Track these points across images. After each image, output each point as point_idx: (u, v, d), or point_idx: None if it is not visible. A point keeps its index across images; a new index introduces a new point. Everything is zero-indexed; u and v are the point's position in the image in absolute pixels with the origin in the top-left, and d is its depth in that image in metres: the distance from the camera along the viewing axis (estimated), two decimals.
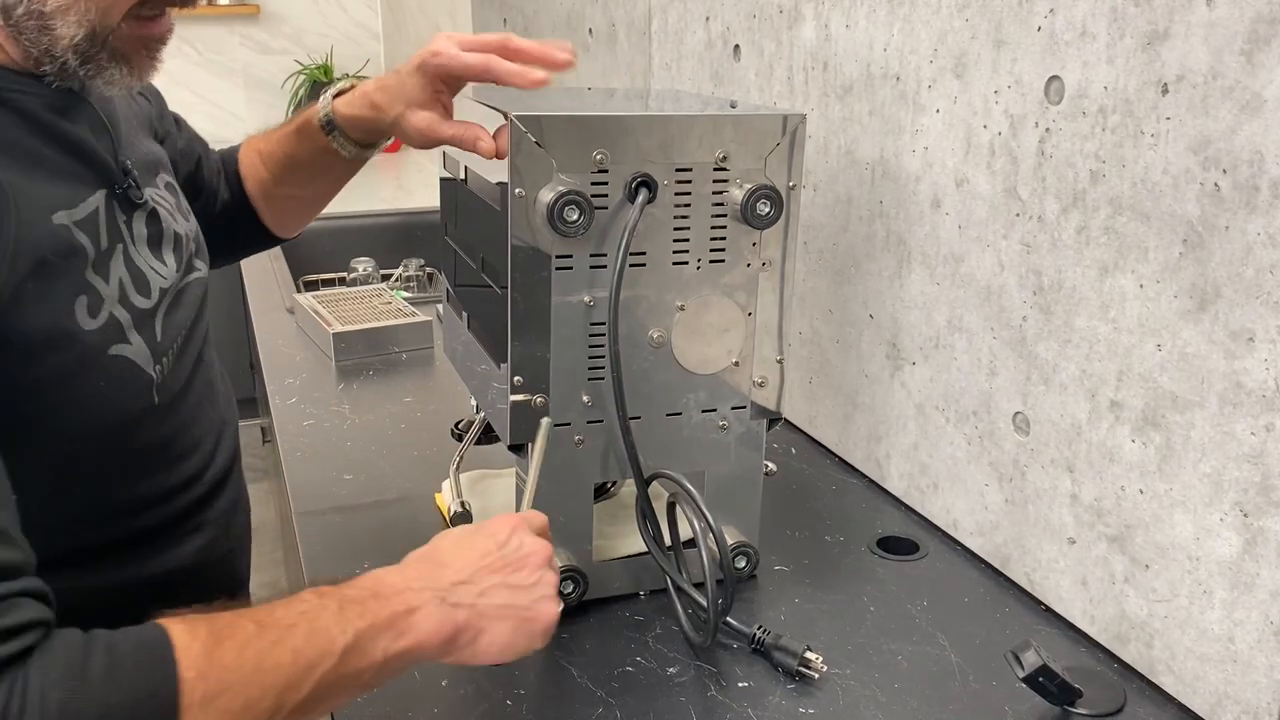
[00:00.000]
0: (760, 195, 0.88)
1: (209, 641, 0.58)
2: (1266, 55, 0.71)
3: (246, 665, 0.58)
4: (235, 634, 0.59)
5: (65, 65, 0.71)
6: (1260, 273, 0.73)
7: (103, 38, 0.70)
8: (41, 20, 0.68)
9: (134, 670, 0.55)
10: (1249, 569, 0.76)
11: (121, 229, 0.77)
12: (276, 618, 0.62)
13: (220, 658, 0.57)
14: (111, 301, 0.74)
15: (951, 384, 1.06)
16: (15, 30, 0.68)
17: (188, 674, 0.56)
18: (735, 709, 0.83)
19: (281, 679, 0.59)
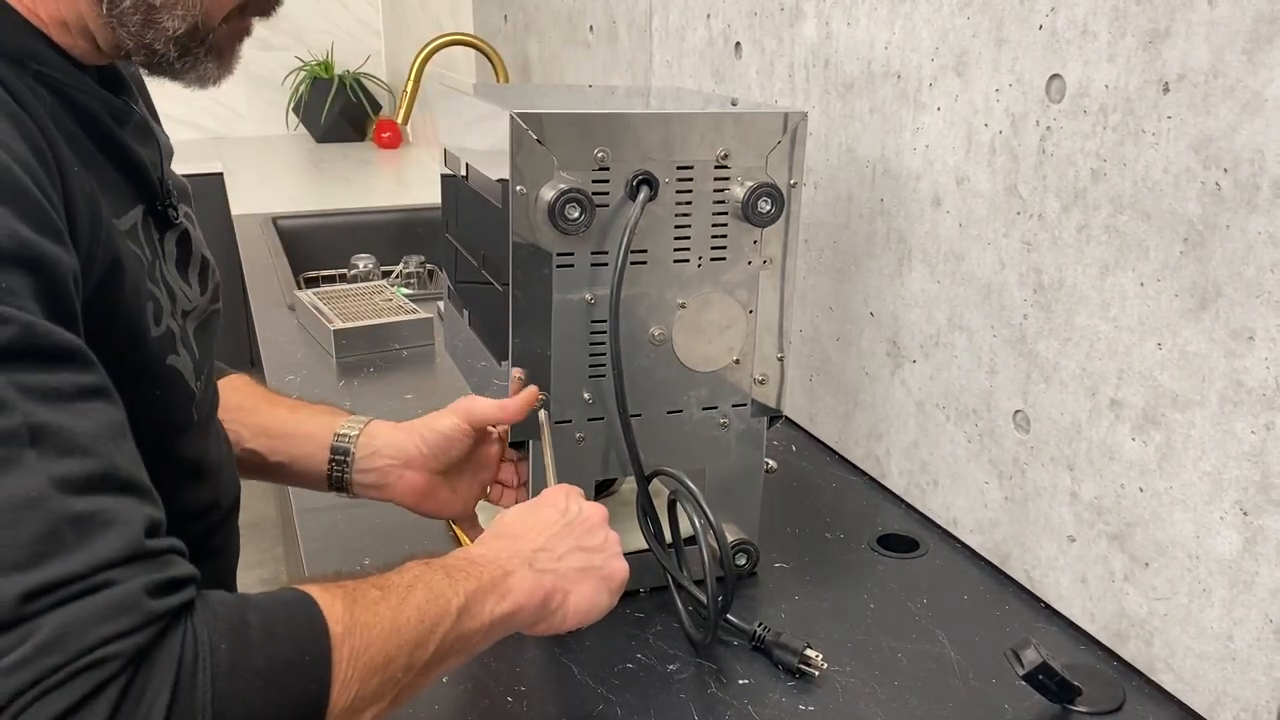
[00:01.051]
0: (761, 193, 0.88)
1: (346, 601, 0.60)
2: (1268, 54, 0.71)
3: (382, 623, 0.60)
4: (364, 596, 0.61)
5: (163, 58, 0.70)
6: (1261, 272, 0.73)
7: (204, 34, 0.70)
8: (148, 14, 0.67)
9: (288, 626, 0.57)
10: (1248, 567, 0.77)
11: (156, 245, 0.77)
12: (394, 582, 0.64)
13: (359, 615, 0.59)
14: (167, 312, 0.74)
15: (952, 382, 1.06)
16: (117, 21, 0.67)
17: (336, 629, 0.58)
18: (735, 706, 0.83)
19: (410, 637, 0.61)
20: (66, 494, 0.51)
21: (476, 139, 0.94)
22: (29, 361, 0.52)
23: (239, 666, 0.53)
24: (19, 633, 0.48)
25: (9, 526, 0.50)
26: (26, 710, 0.48)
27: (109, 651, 0.50)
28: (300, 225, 2.47)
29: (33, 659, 0.48)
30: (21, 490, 0.50)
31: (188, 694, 0.51)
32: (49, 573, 0.50)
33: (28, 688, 0.48)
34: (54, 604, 0.49)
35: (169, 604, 0.53)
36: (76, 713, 0.48)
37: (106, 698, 0.49)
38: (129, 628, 0.50)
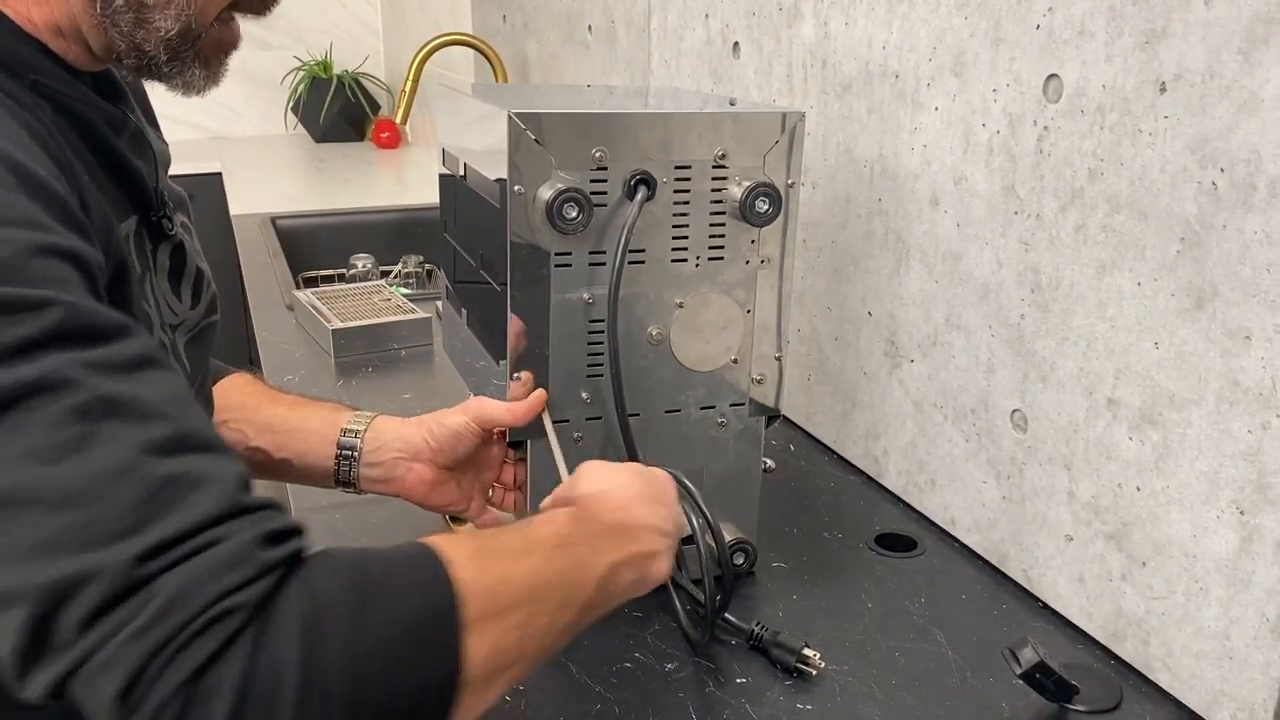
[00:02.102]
0: (759, 193, 0.88)
1: (475, 552, 0.58)
2: (1264, 54, 0.71)
3: (519, 579, 0.59)
4: (502, 547, 0.60)
5: (153, 60, 0.69)
6: (1257, 271, 0.73)
7: (194, 36, 0.70)
8: (140, 13, 0.67)
9: (413, 575, 0.55)
10: (1245, 566, 0.77)
11: (148, 257, 0.77)
12: (539, 537, 0.63)
13: (492, 568, 0.58)
14: (158, 324, 0.74)
15: (949, 381, 1.06)
16: (109, 20, 0.67)
17: (462, 575, 0.56)
18: (733, 705, 0.83)
19: (550, 599, 0.60)
20: (154, 457, 0.51)
21: (474, 139, 0.94)
22: (83, 339, 0.52)
23: (366, 615, 0.52)
24: (139, 597, 0.48)
25: (106, 496, 0.49)
26: (164, 671, 0.47)
27: (232, 603, 0.49)
28: (299, 225, 2.47)
29: (158, 620, 0.48)
30: (110, 460, 0.50)
31: (319, 641, 0.50)
32: (155, 535, 0.49)
33: (159, 649, 0.47)
34: (167, 565, 0.49)
35: (281, 553, 0.52)
36: (212, 667, 0.48)
37: (239, 649, 0.48)
38: (246, 578, 0.50)
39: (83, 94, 0.69)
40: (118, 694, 0.47)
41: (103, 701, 0.48)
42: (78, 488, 0.49)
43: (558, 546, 0.64)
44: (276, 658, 0.49)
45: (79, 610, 0.48)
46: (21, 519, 0.49)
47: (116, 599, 0.48)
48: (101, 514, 0.49)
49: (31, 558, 0.48)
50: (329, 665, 0.49)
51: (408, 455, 0.92)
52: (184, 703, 0.47)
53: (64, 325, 0.52)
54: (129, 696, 0.47)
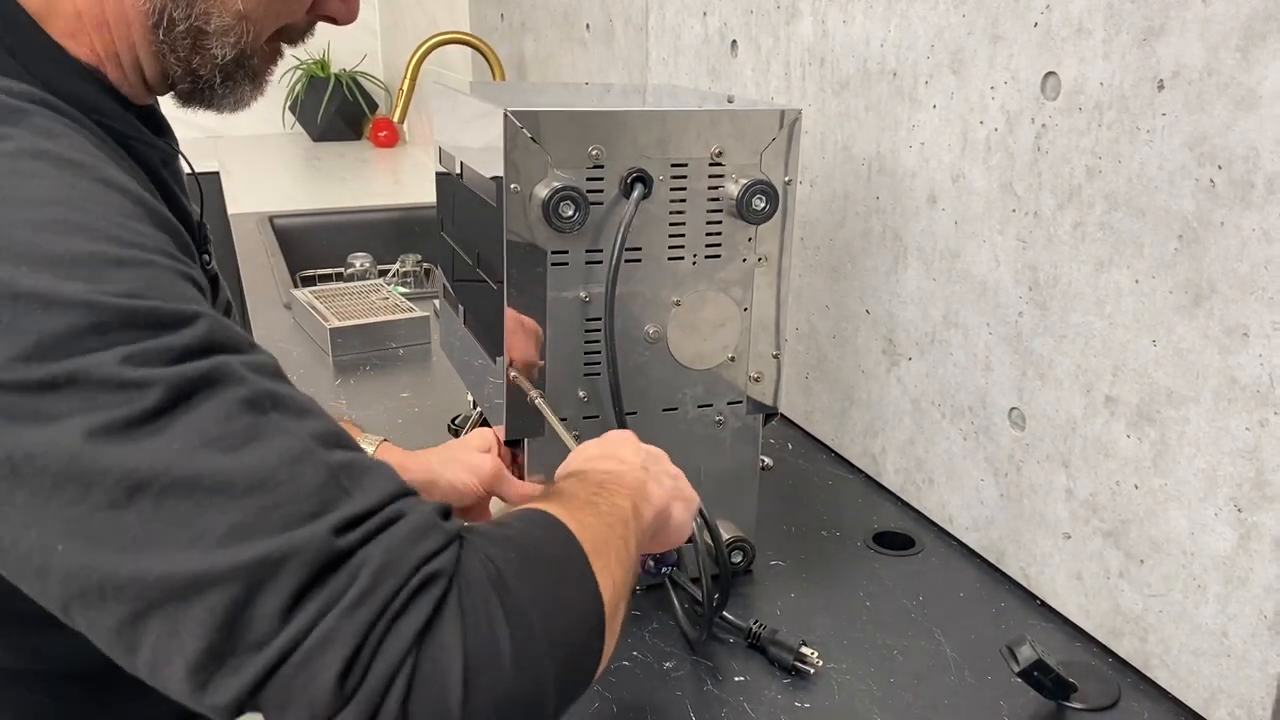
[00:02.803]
0: (756, 190, 0.88)
1: (561, 507, 0.62)
2: (1261, 51, 0.71)
3: (595, 522, 0.63)
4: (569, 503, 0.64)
5: (207, 84, 0.70)
6: (1255, 268, 0.73)
7: (248, 59, 0.70)
8: (198, 39, 0.67)
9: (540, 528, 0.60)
10: (1243, 563, 0.77)
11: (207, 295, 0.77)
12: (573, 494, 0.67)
13: (578, 516, 0.62)
14: None
15: (947, 379, 1.06)
16: (168, 46, 0.67)
17: (571, 525, 0.60)
18: (731, 703, 0.83)
19: (618, 534, 0.64)
20: (324, 447, 0.53)
21: (471, 137, 0.94)
22: (234, 347, 0.54)
23: (533, 568, 0.55)
24: (348, 569, 0.49)
25: (291, 480, 0.50)
26: (385, 640, 0.48)
27: (435, 568, 0.51)
28: (297, 224, 2.47)
29: (373, 589, 0.48)
30: (288, 448, 0.51)
31: (509, 596, 0.52)
32: (346, 511, 0.50)
33: (377, 618, 0.48)
34: (366, 536, 0.50)
35: (456, 524, 0.55)
36: (431, 630, 0.49)
37: (451, 610, 0.50)
38: (439, 546, 0.52)
39: (140, 132, 0.70)
40: (339, 674, 0.47)
41: (320, 689, 0.47)
42: (263, 473, 0.50)
43: (591, 496, 0.67)
44: (485, 619, 0.51)
45: (282, 592, 0.47)
46: (211, 506, 0.49)
47: (322, 574, 0.48)
48: (289, 496, 0.50)
49: (227, 542, 0.48)
50: (525, 615, 0.52)
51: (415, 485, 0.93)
52: (412, 673, 0.48)
53: (214, 334, 0.53)
54: (348, 676, 0.47)
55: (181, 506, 0.48)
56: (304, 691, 0.47)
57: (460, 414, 1.31)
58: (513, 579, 0.53)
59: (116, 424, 0.49)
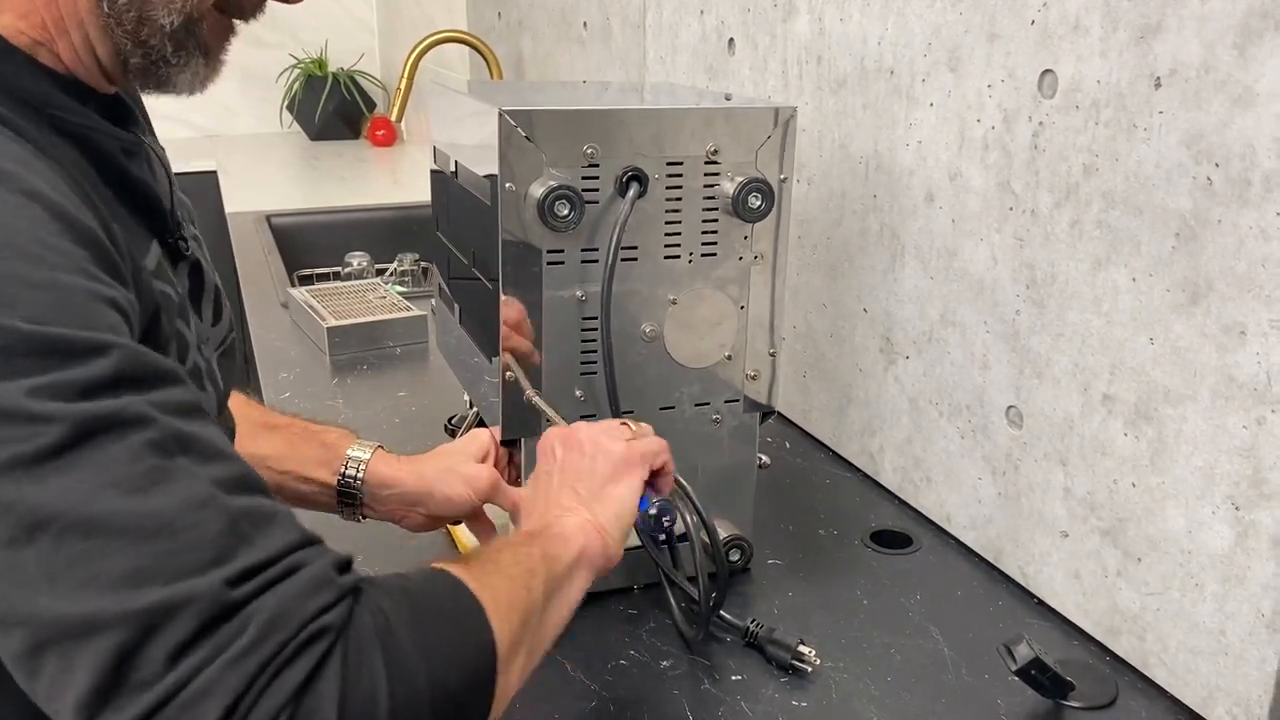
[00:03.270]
0: (752, 188, 0.88)
1: (459, 566, 0.63)
2: (1258, 48, 0.71)
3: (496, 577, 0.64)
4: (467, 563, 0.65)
5: (159, 56, 0.69)
6: (1252, 266, 0.73)
7: (195, 24, 0.69)
8: (144, 9, 0.67)
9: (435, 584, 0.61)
10: (1240, 562, 0.77)
11: (179, 282, 0.76)
12: (478, 555, 0.68)
13: (474, 572, 0.63)
14: (193, 347, 0.74)
15: (945, 378, 1.06)
16: (114, 20, 0.66)
17: (469, 582, 0.61)
18: (728, 702, 0.83)
19: (521, 584, 0.65)
20: (228, 493, 0.53)
21: (466, 136, 0.94)
22: (147, 382, 0.53)
23: (422, 623, 0.56)
24: (238, 620, 0.49)
25: (192, 527, 0.50)
26: (264, 693, 0.49)
27: (323, 624, 0.51)
28: (294, 223, 2.47)
29: (259, 641, 0.49)
30: (191, 494, 0.51)
31: (397, 652, 0.53)
32: (243, 562, 0.51)
33: (260, 671, 0.49)
34: (260, 588, 0.51)
35: (352, 578, 0.55)
36: (311, 686, 0.50)
37: (333, 667, 0.51)
38: (331, 601, 0.52)
39: (98, 124, 0.69)
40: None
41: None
42: (164, 519, 0.50)
43: (496, 551, 0.69)
44: (368, 675, 0.52)
45: (171, 639, 0.48)
46: (109, 550, 0.49)
47: (213, 624, 0.49)
48: (188, 544, 0.50)
49: (121, 586, 0.48)
50: (409, 670, 0.54)
51: (407, 503, 0.93)
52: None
53: (124, 368, 0.53)
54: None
55: (80, 547, 0.49)
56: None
57: (457, 413, 1.31)
58: (401, 629, 0.54)
59: (20, 459, 0.49)
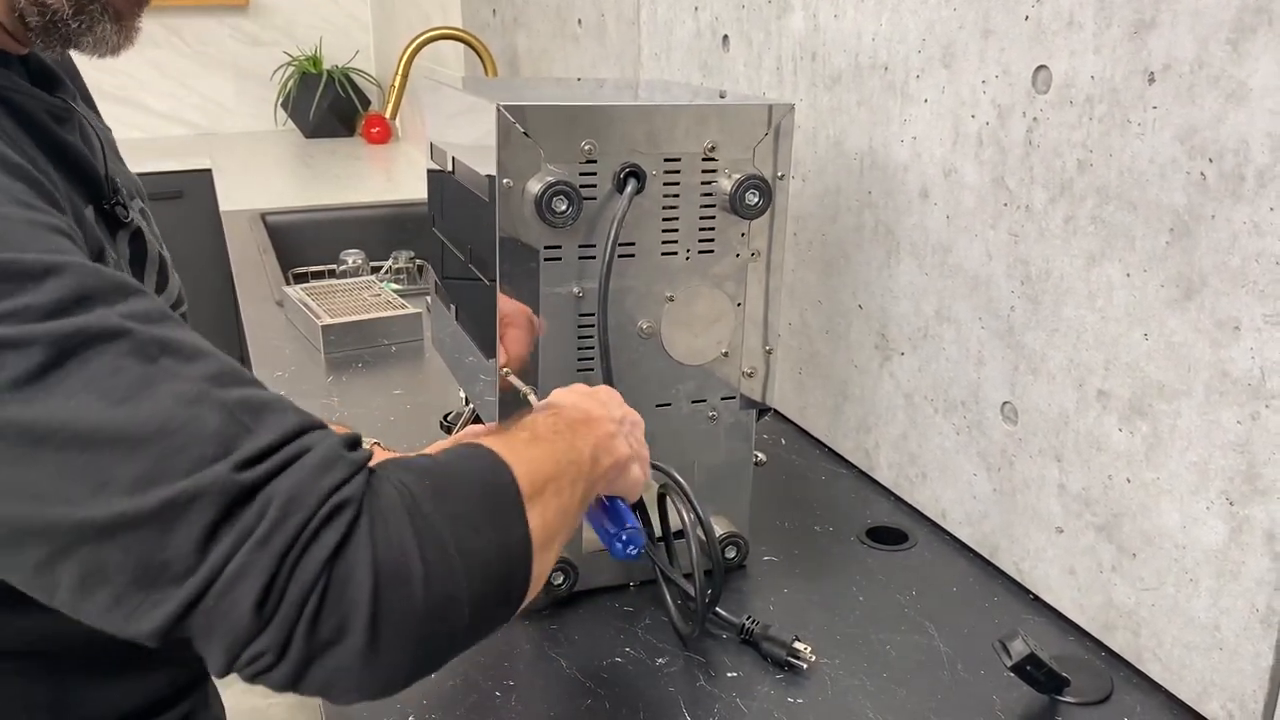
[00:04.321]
0: (749, 185, 0.88)
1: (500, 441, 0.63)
2: (1252, 44, 0.71)
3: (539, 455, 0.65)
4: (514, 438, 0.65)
5: (58, 17, 0.68)
6: (1246, 261, 0.73)
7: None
8: None
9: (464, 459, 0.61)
10: (1235, 557, 0.77)
11: (108, 247, 0.76)
12: (534, 426, 0.68)
13: (519, 451, 0.63)
14: None
15: (940, 374, 1.06)
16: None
17: (504, 455, 0.61)
18: (724, 699, 0.83)
19: (566, 471, 0.66)
20: (219, 387, 0.53)
21: (462, 132, 0.94)
22: (111, 294, 0.53)
23: (450, 496, 0.56)
24: (256, 504, 0.50)
25: (190, 424, 0.51)
26: (297, 567, 0.49)
27: (343, 496, 0.52)
28: (289, 221, 2.47)
29: (282, 520, 0.50)
30: (182, 393, 0.51)
31: (422, 520, 0.54)
32: (249, 448, 0.51)
33: (288, 549, 0.49)
34: (272, 471, 0.51)
35: (364, 454, 0.56)
36: (341, 554, 0.50)
37: (360, 535, 0.51)
38: (346, 475, 0.53)
39: (18, 85, 0.69)
40: (256, 602, 0.49)
41: (239, 616, 0.49)
42: (160, 421, 0.50)
43: (554, 432, 0.69)
44: (396, 538, 0.52)
45: (195, 529, 0.49)
46: (113, 457, 0.49)
47: (231, 511, 0.49)
48: (189, 440, 0.50)
49: (134, 490, 0.49)
50: (439, 536, 0.54)
51: None
52: (323, 594, 0.50)
53: (85, 283, 0.53)
54: (265, 603, 0.49)
55: (84, 459, 0.49)
56: (225, 619, 0.49)
57: (453, 411, 1.31)
58: (426, 503, 0.55)
59: (5, 383, 0.49)
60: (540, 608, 0.94)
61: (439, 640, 0.54)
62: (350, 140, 3.63)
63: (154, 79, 3.53)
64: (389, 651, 0.51)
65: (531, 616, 0.93)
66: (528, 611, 0.94)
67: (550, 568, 0.63)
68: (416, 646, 0.53)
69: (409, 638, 0.52)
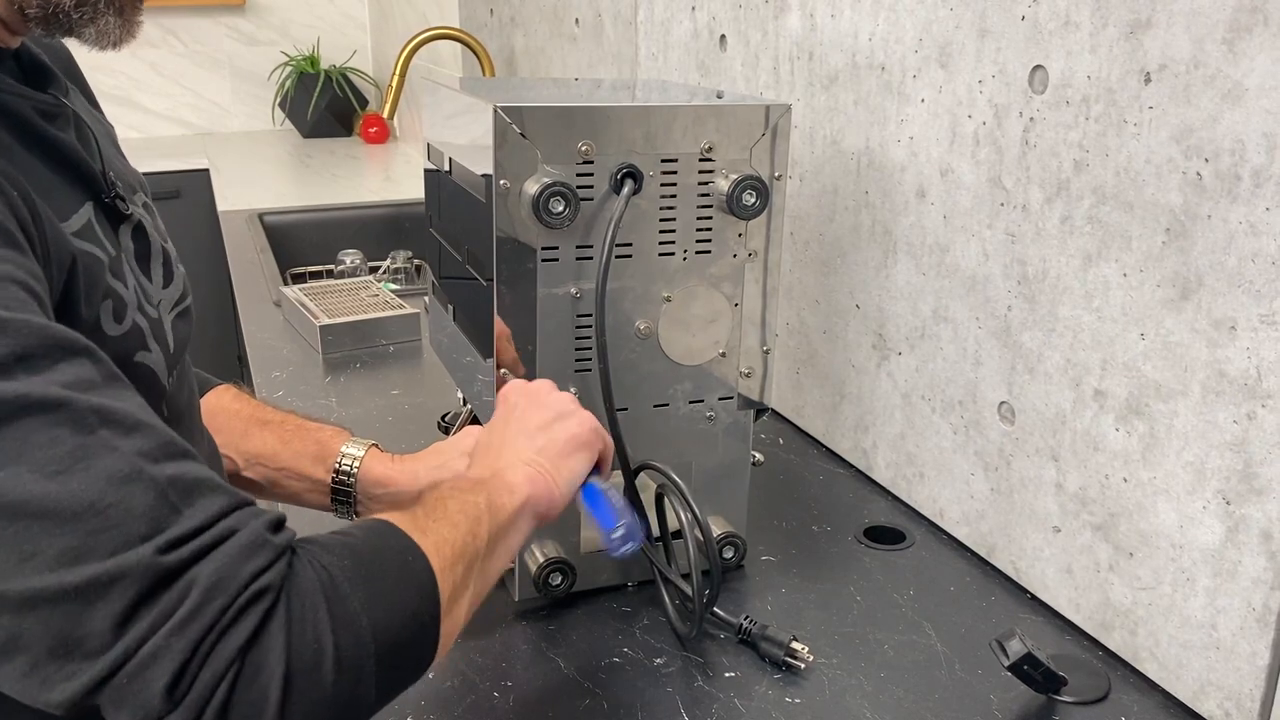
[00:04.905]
0: (746, 186, 0.88)
1: (403, 516, 0.64)
2: (1248, 44, 0.71)
3: (440, 525, 0.65)
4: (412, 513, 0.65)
5: (58, 8, 0.68)
6: (1242, 261, 0.73)
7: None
8: None
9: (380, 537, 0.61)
10: (1231, 556, 0.77)
11: (115, 240, 0.75)
12: (425, 501, 0.68)
13: (420, 522, 0.64)
14: (133, 308, 0.73)
15: (937, 374, 1.06)
16: None
17: (412, 532, 0.62)
18: (722, 699, 0.83)
19: (465, 530, 0.66)
20: (153, 463, 0.53)
21: (460, 133, 0.94)
22: (54, 359, 0.53)
23: (365, 574, 0.57)
24: (178, 587, 0.50)
25: (120, 502, 0.51)
26: (211, 654, 0.50)
27: (263, 584, 0.52)
28: (287, 221, 2.47)
29: (201, 606, 0.50)
30: (115, 469, 0.52)
31: (341, 605, 0.55)
32: (175, 531, 0.51)
33: (205, 634, 0.50)
34: (196, 554, 0.51)
35: (287, 538, 0.56)
36: (256, 642, 0.51)
37: (277, 622, 0.52)
38: (268, 561, 0.53)
39: (6, 85, 0.68)
40: (167, 685, 0.49)
41: (150, 696, 0.49)
42: (91, 497, 0.50)
43: (440, 499, 0.69)
44: (311, 625, 0.53)
45: (114, 608, 0.49)
46: (40, 531, 0.50)
47: (153, 591, 0.50)
48: (118, 519, 0.50)
49: (57, 566, 0.49)
50: (354, 622, 0.55)
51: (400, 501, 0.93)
52: (234, 680, 0.50)
53: (27, 345, 0.52)
54: (177, 687, 0.49)
55: (12, 530, 0.49)
56: (135, 697, 0.50)
57: (450, 411, 1.31)
58: (345, 584, 0.56)
59: None
60: (538, 608, 0.94)
61: (346, 718, 0.55)
62: (348, 140, 3.62)
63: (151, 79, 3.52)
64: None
65: (530, 617, 0.93)
66: (526, 612, 0.94)
67: (459, 627, 0.65)
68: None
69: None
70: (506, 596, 0.95)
